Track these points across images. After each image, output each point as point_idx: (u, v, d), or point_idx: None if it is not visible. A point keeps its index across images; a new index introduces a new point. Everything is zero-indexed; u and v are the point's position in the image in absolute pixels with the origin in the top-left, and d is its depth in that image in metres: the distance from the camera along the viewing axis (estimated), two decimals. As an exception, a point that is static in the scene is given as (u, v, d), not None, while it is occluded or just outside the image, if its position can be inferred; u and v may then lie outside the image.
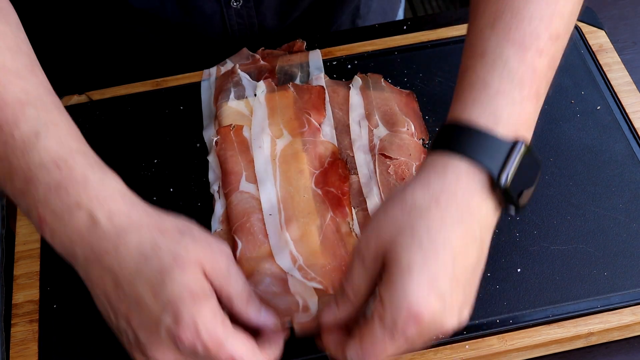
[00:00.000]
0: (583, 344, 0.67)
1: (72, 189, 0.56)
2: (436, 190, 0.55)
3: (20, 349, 0.68)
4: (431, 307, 0.52)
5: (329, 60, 0.86)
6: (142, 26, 0.91)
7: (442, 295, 0.53)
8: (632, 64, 0.85)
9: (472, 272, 0.55)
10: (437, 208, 0.54)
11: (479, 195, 0.55)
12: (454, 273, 0.53)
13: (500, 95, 0.57)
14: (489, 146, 0.55)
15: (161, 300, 0.54)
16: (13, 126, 0.58)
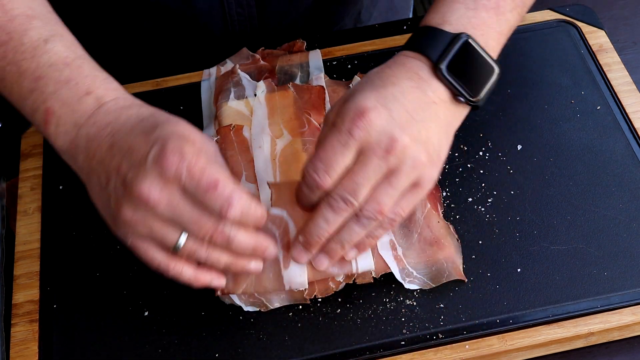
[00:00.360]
0: (583, 344, 0.68)
1: (81, 82, 0.62)
2: (388, 63, 0.65)
3: (20, 349, 0.68)
4: (377, 109, 0.60)
5: (329, 60, 0.86)
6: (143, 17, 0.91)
7: (389, 109, 0.60)
8: (632, 64, 0.85)
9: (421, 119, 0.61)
10: (388, 69, 0.64)
11: (425, 73, 0.63)
12: (403, 103, 0.61)
13: (455, 3, 0.66)
14: (432, 39, 0.64)
15: (150, 140, 0.58)
16: (22, 34, 0.64)
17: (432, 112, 0.62)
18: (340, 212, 0.60)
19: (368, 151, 0.59)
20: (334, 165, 0.60)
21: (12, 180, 0.79)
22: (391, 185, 0.60)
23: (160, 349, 0.67)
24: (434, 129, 0.62)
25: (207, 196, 0.57)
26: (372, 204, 0.60)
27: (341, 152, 0.59)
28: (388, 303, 0.68)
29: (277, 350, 0.66)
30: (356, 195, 0.60)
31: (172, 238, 0.58)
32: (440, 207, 0.72)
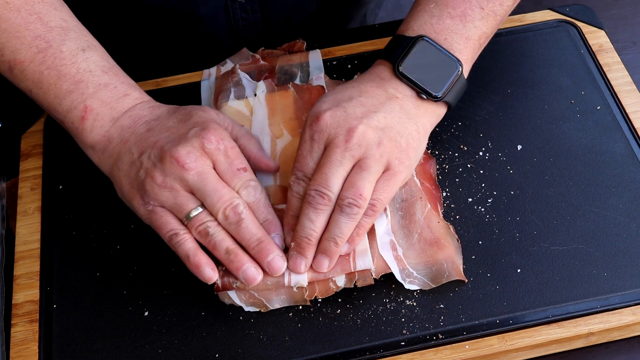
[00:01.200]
0: (583, 344, 0.68)
1: (119, 86, 0.70)
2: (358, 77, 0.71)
3: (20, 349, 0.68)
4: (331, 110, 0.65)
5: (329, 60, 0.86)
6: (148, 20, 0.91)
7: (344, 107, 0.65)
8: (632, 64, 0.85)
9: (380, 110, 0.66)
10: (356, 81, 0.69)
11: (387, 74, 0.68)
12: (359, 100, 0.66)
13: (421, 12, 0.70)
14: (394, 44, 0.70)
15: (190, 124, 0.67)
16: (61, 43, 0.69)
17: (392, 104, 0.67)
18: (319, 206, 0.64)
19: (330, 145, 0.64)
20: (305, 170, 0.66)
21: (12, 180, 0.79)
22: (362, 169, 0.64)
23: (160, 349, 0.67)
24: (395, 118, 0.66)
25: (236, 175, 0.65)
26: (350, 190, 0.64)
27: (309, 157, 0.65)
28: (388, 303, 0.68)
29: (277, 351, 0.66)
30: (328, 185, 0.64)
31: (190, 206, 0.64)
32: (440, 207, 0.72)
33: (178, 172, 0.63)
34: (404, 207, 0.71)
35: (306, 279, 0.66)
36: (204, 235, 0.65)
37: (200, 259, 0.65)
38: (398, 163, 0.65)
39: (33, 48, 0.69)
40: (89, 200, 0.76)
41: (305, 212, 0.64)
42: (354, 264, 0.67)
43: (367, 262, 0.67)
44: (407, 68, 0.68)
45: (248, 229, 0.64)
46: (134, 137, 0.67)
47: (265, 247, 0.64)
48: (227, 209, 0.64)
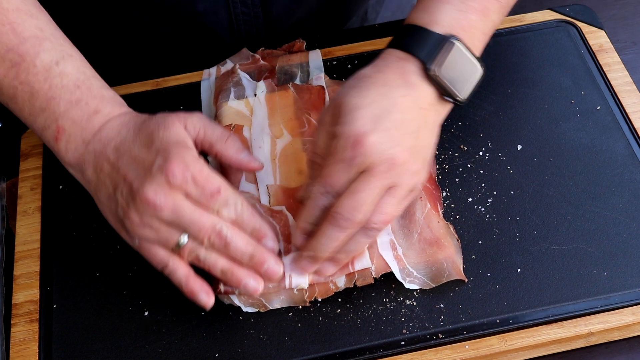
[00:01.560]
0: (583, 344, 0.68)
1: (90, 102, 0.67)
2: (379, 66, 0.67)
3: (20, 349, 0.68)
4: (374, 133, 0.62)
5: (329, 60, 0.86)
6: (149, 17, 0.91)
7: (386, 129, 0.63)
8: (632, 64, 0.85)
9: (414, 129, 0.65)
10: (380, 74, 0.66)
11: (415, 76, 0.65)
12: (396, 119, 0.63)
13: (445, 4, 0.67)
14: (421, 39, 0.66)
15: (153, 151, 0.63)
16: (34, 56, 0.67)
17: (422, 120, 0.65)
18: (345, 230, 0.63)
19: (369, 172, 0.62)
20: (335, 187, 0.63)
21: (12, 180, 0.79)
22: (394, 197, 0.63)
23: (160, 349, 0.67)
24: (425, 135, 0.66)
25: (211, 200, 0.62)
26: (379, 216, 0.63)
27: (344, 177, 0.63)
28: (388, 303, 0.68)
29: (277, 351, 0.66)
30: (359, 212, 0.62)
31: (175, 239, 0.63)
32: (440, 207, 0.72)
33: (152, 212, 0.62)
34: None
35: (307, 281, 0.66)
36: (197, 261, 0.64)
37: (193, 286, 0.64)
38: (422, 183, 0.67)
39: (7, 62, 0.67)
40: (89, 200, 0.76)
41: (329, 230, 0.63)
42: (352, 266, 0.67)
43: (365, 262, 0.67)
44: (439, 71, 0.65)
45: (237, 248, 0.63)
46: (106, 167, 0.66)
47: (258, 260, 0.64)
48: (211, 237, 0.63)
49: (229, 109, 0.77)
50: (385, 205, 0.63)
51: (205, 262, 0.64)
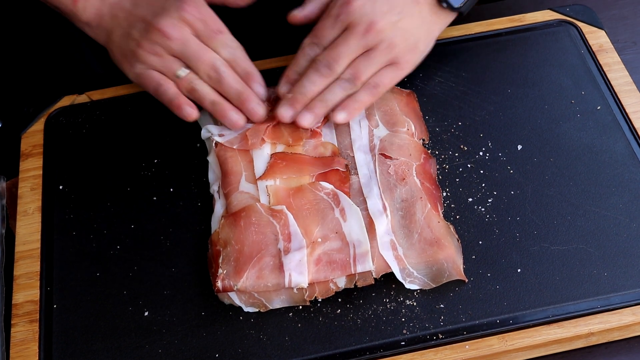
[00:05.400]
0: (583, 344, 0.68)
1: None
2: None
3: (20, 349, 0.68)
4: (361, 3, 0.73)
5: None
6: None
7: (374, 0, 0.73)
8: (632, 64, 0.85)
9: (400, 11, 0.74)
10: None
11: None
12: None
13: None
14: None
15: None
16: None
17: (413, 9, 0.75)
18: (323, 75, 0.73)
19: (350, 29, 0.73)
20: (322, 40, 0.74)
21: (12, 180, 0.79)
22: (368, 57, 0.73)
23: (160, 349, 0.67)
24: (413, 22, 0.75)
25: (214, 37, 0.73)
26: (350, 70, 0.73)
27: (329, 31, 0.74)
28: (388, 303, 0.68)
29: (277, 351, 0.66)
30: (337, 62, 0.73)
31: (176, 68, 0.73)
32: (440, 207, 0.72)
33: (163, 41, 0.72)
34: (404, 207, 0.71)
35: (306, 280, 0.66)
36: (192, 92, 0.74)
37: (180, 100, 0.74)
38: (403, 60, 0.75)
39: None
40: (89, 200, 0.76)
41: (310, 75, 0.73)
42: (354, 267, 0.67)
43: (367, 265, 0.67)
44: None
45: (229, 84, 0.73)
46: (123, 13, 0.74)
47: (245, 97, 0.73)
48: (207, 69, 0.73)
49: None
50: (359, 62, 0.73)
51: (199, 92, 0.74)
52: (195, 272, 0.70)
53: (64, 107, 0.84)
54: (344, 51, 0.73)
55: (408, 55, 0.75)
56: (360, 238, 0.68)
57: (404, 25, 0.74)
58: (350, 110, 0.74)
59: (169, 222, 0.74)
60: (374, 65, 0.74)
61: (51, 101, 0.84)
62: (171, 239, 0.73)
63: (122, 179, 0.78)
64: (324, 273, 0.67)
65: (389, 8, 0.73)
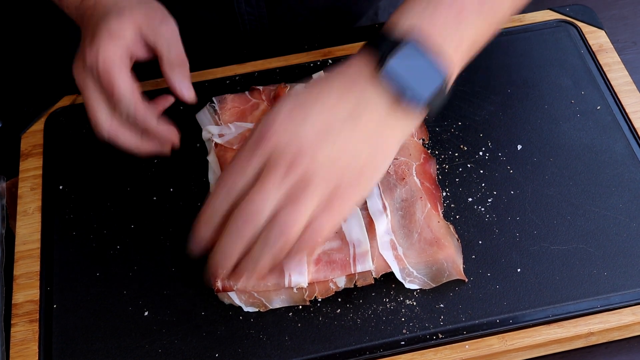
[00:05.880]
0: (583, 344, 0.68)
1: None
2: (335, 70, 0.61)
3: (20, 349, 0.68)
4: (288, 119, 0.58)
5: (329, 60, 0.86)
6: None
7: (303, 118, 0.58)
8: (632, 64, 0.85)
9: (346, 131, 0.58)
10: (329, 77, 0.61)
11: (365, 77, 0.59)
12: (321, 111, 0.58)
13: (415, 5, 0.61)
14: (381, 38, 0.59)
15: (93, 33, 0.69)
16: None
17: (358, 120, 0.58)
18: (245, 231, 0.58)
19: (271, 165, 0.57)
20: (236, 183, 0.58)
21: (12, 180, 0.79)
22: (298, 200, 0.57)
23: (160, 349, 0.67)
24: (356, 137, 0.58)
25: (108, 93, 0.68)
26: (275, 222, 0.57)
27: (245, 170, 0.58)
28: (388, 303, 0.68)
29: (277, 350, 0.66)
30: (258, 212, 0.57)
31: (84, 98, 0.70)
32: (440, 207, 0.72)
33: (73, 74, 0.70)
34: (404, 207, 0.71)
35: (306, 280, 0.66)
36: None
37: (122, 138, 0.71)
38: (348, 188, 0.58)
39: None
40: (89, 200, 0.76)
41: (229, 232, 0.58)
42: (354, 267, 0.67)
43: (367, 265, 0.67)
44: (389, 72, 0.58)
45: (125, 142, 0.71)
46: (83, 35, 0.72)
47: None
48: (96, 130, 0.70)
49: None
50: (288, 211, 0.57)
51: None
52: (195, 272, 0.70)
53: (64, 107, 0.84)
54: (265, 198, 0.56)
55: (352, 180, 0.58)
56: (360, 238, 0.68)
57: (343, 146, 0.58)
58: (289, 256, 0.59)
59: (169, 222, 0.74)
60: (305, 208, 0.57)
61: (51, 101, 0.84)
62: (171, 239, 0.73)
63: (122, 179, 0.78)
64: (324, 273, 0.67)
65: (321, 128, 0.57)
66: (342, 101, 0.59)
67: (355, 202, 0.59)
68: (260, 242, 0.58)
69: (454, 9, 0.60)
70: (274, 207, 0.57)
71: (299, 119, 0.58)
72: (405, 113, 0.60)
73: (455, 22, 0.60)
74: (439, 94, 0.59)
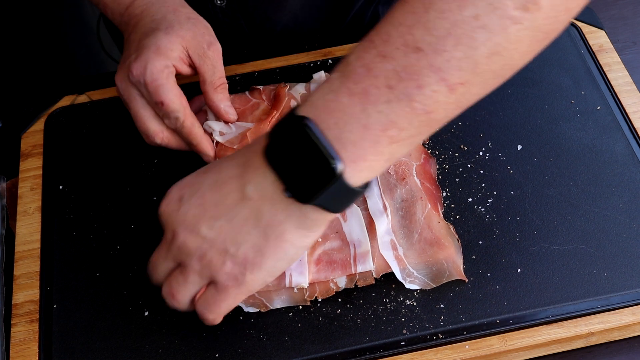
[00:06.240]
0: (583, 344, 0.68)
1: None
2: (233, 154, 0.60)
3: (20, 349, 0.68)
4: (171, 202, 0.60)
5: (329, 60, 0.86)
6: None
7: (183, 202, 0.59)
8: (632, 64, 0.85)
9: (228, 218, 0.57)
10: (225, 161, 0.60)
11: (258, 165, 0.56)
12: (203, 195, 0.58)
13: (326, 82, 0.55)
14: (282, 120, 0.55)
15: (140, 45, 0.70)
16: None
17: (241, 208, 0.57)
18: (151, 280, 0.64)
19: (164, 235, 0.61)
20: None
21: (12, 180, 0.79)
22: (179, 277, 0.61)
23: (160, 349, 0.67)
24: (238, 226, 0.57)
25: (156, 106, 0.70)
26: (165, 288, 0.62)
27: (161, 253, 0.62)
28: (388, 303, 0.68)
29: (277, 351, 0.66)
30: (153, 274, 0.63)
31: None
32: (440, 207, 0.72)
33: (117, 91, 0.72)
34: (404, 207, 0.71)
35: (307, 280, 0.66)
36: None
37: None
38: (226, 278, 0.58)
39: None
40: (89, 200, 0.76)
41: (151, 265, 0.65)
42: (355, 267, 0.67)
43: (367, 265, 0.67)
44: (278, 157, 0.54)
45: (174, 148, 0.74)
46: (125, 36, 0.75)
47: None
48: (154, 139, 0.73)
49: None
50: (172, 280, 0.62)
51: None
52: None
53: (64, 107, 0.84)
54: (155, 263, 0.62)
55: (233, 270, 0.58)
56: (360, 238, 0.68)
57: (220, 234, 0.57)
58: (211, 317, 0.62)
59: (169, 222, 0.74)
60: (188, 285, 0.60)
61: (51, 101, 0.84)
62: (171, 239, 0.73)
63: (122, 179, 0.78)
64: (325, 273, 0.67)
65: (198, 213, 0.58)
66: (236, 182, 0.57)
67: (244, 292, 0.60)
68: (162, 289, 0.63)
69: (358, 92, 0.52)
70: (166, 271, 0.62)
71: (183, 201, 0.59)
72: (294, 207, 0.55)
73: (359, 107, 0.53)
74: (333, 188, 0.53)
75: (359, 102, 0.52)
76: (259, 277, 0.58)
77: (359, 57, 0.53)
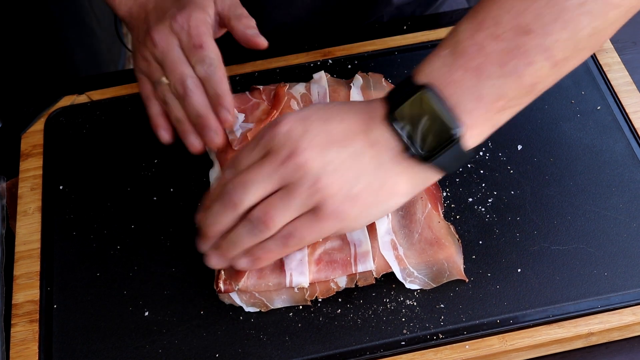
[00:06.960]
0: (583, 344, 0.68)
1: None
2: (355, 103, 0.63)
3: (20, 349, 0.68)
4: (292, 122, 0.60)
5: (329, 60, 0.86)
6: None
7: (307, 126, 0.59)
8: (632, 64, 0.85)
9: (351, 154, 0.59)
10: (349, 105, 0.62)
11: (381, 120, 0.59)
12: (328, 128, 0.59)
13: (435, 56, 0.60)
14: (401, 87, 0.60)
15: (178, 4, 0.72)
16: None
17: (366, 150, 0.59)
18: (226, 209, 0.61)
19: (268, 155, 0.60)
20: (238, 164, 0.62)
21: (12, 180, 0.79)
22: (283, 197, 0.59)
23: (160, 349, 0.67)
24: (360, 164, 0.59)
25: (193, 51, 0.70)
26: (259, 211, 0.60)
27: (248, 154, 0.62)
28: (388, 303, 0.68)
29: (277, 350, 0.66)
30: (243, 193, 0.60)
31: (156, 76, 0.72)
32: (440, 207, 0.72)
33: (150, 48, 0.72)
34: (405, 207, 0.71)
35: (307, 280, 0.66)
36: (164, 103, 0.72)
37: (158, 122, 0.73)
38: (333, 209, 0.59)
39: None
40: (89, 200, 0.76)
41: (214, 207, 0.62)
42: (355, 267, 0.67)
43: (368, 265, 0.67)
44: (400, 116, 0.58)
45: (192, 104, 0.70)
46: (143, 15, 0.75)
47: (203, 123, 0.70)
48: (177, 83, 0.70)
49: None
50: (272, 203, 0.59)
51: (169, 106, 0.71)
52: (195, 272, 0.70)
53: (64, 107, 0.84)
54: (253, 181, 0.59)
55: (342, 204, 0.59)
56: (361, 238, 0.68)
57: (343, 165, 0.58)
58: (255, 259, 0.63)
59: (169, 222, 0.74)
60: (289, 209, 0.59)
61: (51, 101, 0.84)
62: (171, 239, 0.73)
63: (122, 179, 0.78)
64: (325, 273, 0.67)
65: (325, 140, 0.59)
66: (352, 133, 0.60)
67: (339, 224, 0.60)
68: (240, 225, 0.61)
69: (472, 68, 0.58)
70: (261, 192, 0.60)
71: (310, 126, 0.59)
72: (412, 164, 0.59)
73: (474, 81, 0.58)
74: (451, 149, 0.59)
75: (474, 76, 0.58)
76: (361, 217, 0.61)
77: (469, 36, 0.58)
